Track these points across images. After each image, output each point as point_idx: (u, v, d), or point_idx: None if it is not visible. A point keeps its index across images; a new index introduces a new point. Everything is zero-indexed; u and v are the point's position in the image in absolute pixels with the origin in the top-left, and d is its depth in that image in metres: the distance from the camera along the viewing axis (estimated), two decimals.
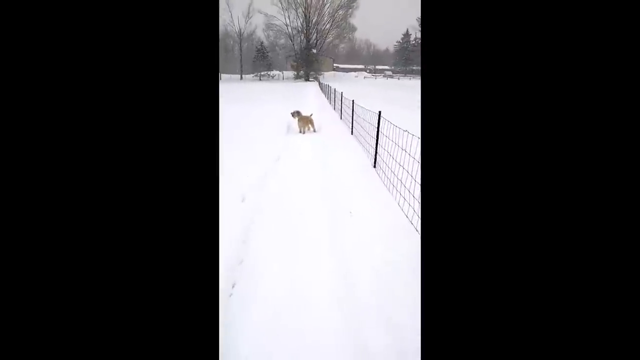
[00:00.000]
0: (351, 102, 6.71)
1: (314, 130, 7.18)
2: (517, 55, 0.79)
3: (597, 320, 0.72)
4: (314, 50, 39.90)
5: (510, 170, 0.79)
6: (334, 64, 55.65)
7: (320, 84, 26.80)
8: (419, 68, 51.32)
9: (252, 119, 8.40)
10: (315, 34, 41.05)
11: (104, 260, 0.79)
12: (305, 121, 7.02)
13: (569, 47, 0.76)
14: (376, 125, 4.22)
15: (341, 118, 8.55)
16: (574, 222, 0.75)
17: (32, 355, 0.74)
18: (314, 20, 40.51)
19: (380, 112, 3.97)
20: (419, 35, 55.32)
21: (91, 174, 0.80)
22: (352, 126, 6.44)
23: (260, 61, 42.19)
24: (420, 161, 2.18)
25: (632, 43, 0.72)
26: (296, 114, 6.99)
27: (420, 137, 1.16)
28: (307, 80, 38.29)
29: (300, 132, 7.00)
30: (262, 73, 42.28)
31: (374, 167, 4.12)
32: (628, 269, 0.71)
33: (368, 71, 59.49)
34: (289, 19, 40.67)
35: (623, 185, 0.72)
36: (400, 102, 12.04)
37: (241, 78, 42.43)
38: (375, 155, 4.09)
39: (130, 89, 0.82)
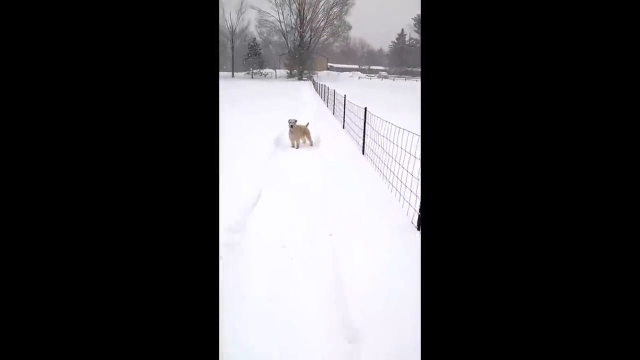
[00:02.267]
0: (358, 109, 5.16)
1: (311, 144, 5.64)
2: (517, 56, 0.79)
3: (596, 320, 0.72)
4: (308, 49, 38.14)
5: (511, 171, 0.79)
6: (328, 63, 53.93)
7: (314, 83, 25.15)
8: (414, 69, 50.14)
9: (233, 127, 6.76)
10: (310, 32, 39.18)
11: (105, 266, 0.78)
12: (299, 132, 5.46)
13: (569, 46, 0.76)
14: (412, 152, 2.68)
15: (344, 127, 6.97)
16: (573, 221, 0.75)
17: (33, 355, 0.73)
18: (308, 17, 38.56)
19: None
20: (414, 35, 54.08)
21: (89, 175, 0.79)
22: (364, 143, 4.84)
23: (253, 58, 40.05)
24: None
25: (632, 44, 0.72)
26: (294, 122, 5.39)
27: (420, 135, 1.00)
28: (300, 79, 36.31)
29: (293, 146, 5.45)
30: (255, 71, 40.12)
31: (418, 228, 2.52)
32: (627, 270, 0.71)
33: (362, 71, 57.91)
34: (283, 15, 38.52)
35: (623, 185, 0.72)
36: (408, 108, 10.29)
37: (233, 76, 40.08)
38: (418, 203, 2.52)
39: (128, 89, 0.81)
